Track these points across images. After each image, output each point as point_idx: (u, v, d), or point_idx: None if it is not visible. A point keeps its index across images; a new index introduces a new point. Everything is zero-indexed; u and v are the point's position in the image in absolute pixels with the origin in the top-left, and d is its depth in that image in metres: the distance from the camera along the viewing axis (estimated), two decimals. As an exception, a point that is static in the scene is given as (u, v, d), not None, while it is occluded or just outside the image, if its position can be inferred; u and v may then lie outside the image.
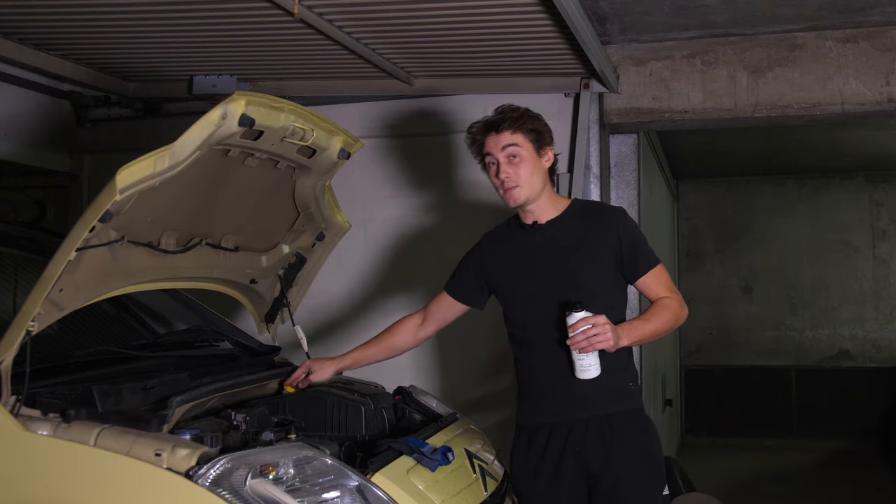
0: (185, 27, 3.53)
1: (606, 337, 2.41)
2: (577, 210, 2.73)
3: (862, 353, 8.40)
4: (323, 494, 2.09)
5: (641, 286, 2.68)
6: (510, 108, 2.67)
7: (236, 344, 3.19)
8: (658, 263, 2.68)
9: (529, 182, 2.63)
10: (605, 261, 2.63)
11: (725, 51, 4.07)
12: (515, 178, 2.61)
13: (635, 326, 2.55)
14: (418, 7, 3.23)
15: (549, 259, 2.67)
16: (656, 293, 2.67)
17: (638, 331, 2.55)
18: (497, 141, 2.63)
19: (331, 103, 4.32)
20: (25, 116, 4.51)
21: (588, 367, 2.48)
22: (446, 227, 4.39)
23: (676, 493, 4.32)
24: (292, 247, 3.11)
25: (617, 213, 2.73)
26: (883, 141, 6.82)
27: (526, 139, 2.63)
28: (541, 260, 2.68)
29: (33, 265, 2.92)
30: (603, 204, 2.84)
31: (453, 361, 4.33)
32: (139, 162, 2.14)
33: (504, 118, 2.63)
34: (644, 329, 2.57)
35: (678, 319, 2.65)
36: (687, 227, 8.73)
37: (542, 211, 2.69)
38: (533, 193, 2.65)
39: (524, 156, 2.62)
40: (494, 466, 2.79)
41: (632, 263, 2.64)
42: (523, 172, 2.62)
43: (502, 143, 2.62)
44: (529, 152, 2.63)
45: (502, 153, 2.62)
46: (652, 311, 2.63)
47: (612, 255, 2.63)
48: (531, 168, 2.63)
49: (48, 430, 2.19)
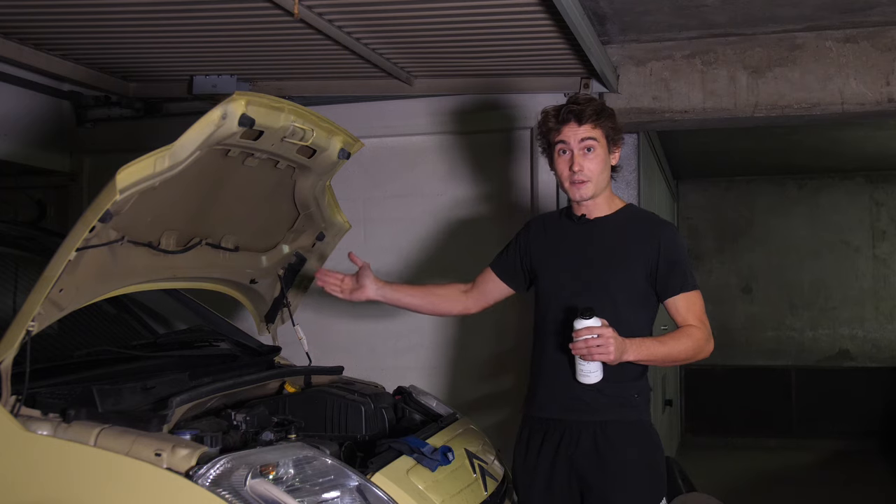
0: (185, 27, 3.53)
1: (608, 350, 2.38)
2: (628, 214, 2.71)
3: (862, 353, 8.40)
4: (323, 494, 2.09)
5: (670, 307, 2.63)
6: (590, 99, 2.65)
7: (236, 344, 3.19)
8: (694, 290, 2.61)
9: (598, 179, 2.62)
10: (639, 270, 2.60)
11: (725, 51, 4.07)
12: (588, 172, 2.60)
13: (647, 345, 2.50)
14: (418, 7, 3.23)
15: (583, 255, 2.66)
16: (684, 319, 2.60)
17: (648, 350, 2.50)
18: (577, 131, 2.59)
19: (331, 103, 4.32)
20: (25, 116, 4.51)
21: (588, 372, 2.46)
22: (446, 228, 4.39)
23: (676, 493, 4.32)
24: (292, 247, 3.10)
25: (666, 227, 2.70)
26: (883, 141, 6.82)
27: (604, 135, 2.61)
28: (576, 254, 2.67)
29: (33, 265, 2.92)
30: (655, 215, 2.81)
31: (453, 361, 4.33)
32: (139, 162, 2.14)
33: (587, 110, 2.59)
34: (656, 350, 2.52)
35: (699, 352, 2.57)
36: (687, 227, 8.72)
37: (595, 207, 2.68)
38: (598, 190, 2.64)
39: (599, 151, 2.61)
40: (494, 466, 2.78)
41: (664, 281, 2.60)
42: (595, 168, 2.60)
43: (582, 134, 2.59)
44: (604, 149, 2.62)
45: (579, 144, 2.59)
46: (672, 335, 2.57)
47: (646, 266, 2.59)
48: (602, 165, 2.62)
49: (48, 430, 2.19)
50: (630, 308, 2.60)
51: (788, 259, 8.49)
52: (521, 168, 4.27)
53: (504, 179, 4.32)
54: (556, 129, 2.62)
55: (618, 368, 2.51)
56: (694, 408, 8.54)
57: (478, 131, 4.34)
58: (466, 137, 4.37)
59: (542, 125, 2.67)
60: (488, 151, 4.34)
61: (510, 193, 4.30)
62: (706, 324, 2.61)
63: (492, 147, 4.35)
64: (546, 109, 2.68)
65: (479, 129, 4.34)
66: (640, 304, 2.63)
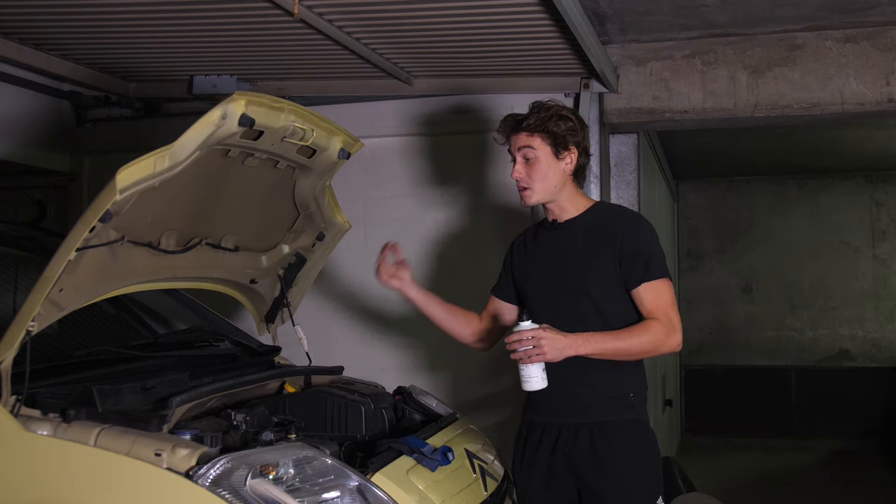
0: (185, 27, 3.53)
1: (542, 351, 2.40)
2: (597, 212, 2.71)
3: (862, 353, 8.40)
4: (323, 494, 2.09)
5: (636, 298, 2.59)
6: (539, 106, 2.66)
7: (236, 344, 3.19)
8: (660, 278, 2.57)
9: (542, 185, 2.63)
10: (608, 264, 2.59)
11: (725, 51, 4.07)
12: (527, 179, 2.63)
13: (597, 339, 2.49)
14: (418, 7, 3.23)
15: (557, 258, 2.68)
16: (648, 311, 2.56)
17: (598, 344, 2.49)
18: (516, 140, 2.65)
19: (331, 103, 4.32)
20: (25, 116, 4.51)
21: (528, 377, 2.46)
22: (447, 228, 4.39)
23: (676, 493, 4.33)
24: (292, 247, 3.11)
25: (630, 216, 2.71)
26: (883, 141, 6.82)
27: (543, 142, 2.62)
28: (550, 258, 2.70)
29: (33, 265, 2.92)
30: (623, 208, 2.81)
31: (453, 361, 4.33)
32: (139, 162, 2.14)
33: (525, 119, 2.63)
34: (606, 345, 2.50)
35: (658, 346, 2.55)
36: (687, 227, 8.73)
37: (560, 210, 2.69)
38: (546, 195, 2.65)
39: (539, 158, 2.62)
40: (494, 466, 2.78)
41: (627, 271, 2.57)
42: (537, 174, 2.62)
43: (519, 143, 2.64)
44: (546, 154, 2.62)
45: (518, 153, 2.64)
46: (630, 329, 2.54)
47: (613, 259, 2.59)
48: (543, 171, 2.62)
49: (48, 430, 2.19)
50: (611, 304, 2.60)
51: (788, 259, 8.50)
52: (521, 168, 4.26)
53: (504, 179, 4.31)
54: (503, 139, 2.70)
55: (612, 369, 2.53)
56: (694, 408, 8.54)
57: (478, 131, 4.34)
58: (466, 137, 4.37)
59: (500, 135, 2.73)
60: (488, 152, 4.34)
61: (510, 193, 4.29)
62: (671, 316, 2.56)
63: (492, 147, 4.33)
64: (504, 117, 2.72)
65: (479, 129, 4.33)
66: (619, 299, 2.61)
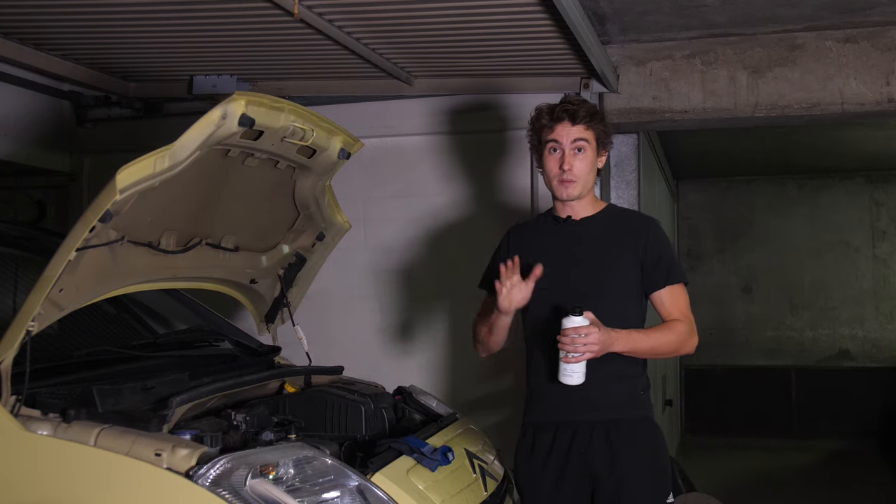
0: (185, 27, 3.53)
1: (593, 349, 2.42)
2: (612, 213, 2.75)
3: (862, 353, 8.40)
4: (323, 494, 2.09)
5: (655, 301, 2.67)
6: (582, 101, 2.69)
7: (236, 344, 3.19)
8: (679, 283, 2.66)
9: (586, 179, 2.65)
10: (629, 266, 2.63)
11: (725, 51, 4.07)
12: (578, 172, 2.63)
13: (634, 337, 2.54)
14: (418, 7, 3.23)
15: (575, 255, 2.67)
16: (668, 312, 2.65)
17: (634, 342, 2.54)
18: (570, 131, 2.62)
19: (331, 103, 4.32)
20: (25, 116, 4.51)
21: (572, 372, 2.46)
22: (447, 228, 4.39)
23: (677, 493, 4.33)
24: (292, 247, 3.10)
25: (650, 222, 2.74)
26: (883, 141, 6.82)
27: (595, 137, 2.65)
28: (565, 255, 2.68)
29: (33, 265, 2.92)
30: (638, 212, 2.85)
31: (454, 361, 4.33)
32: (139, 162, 2.14)
33: (580, 111, 2.63)
34: (641, 343, 2.56)
35: (682, 346, 2.63)
36: (687, 227, 8.73)
37: (581, 208, 2.71)
38: (584, 191, 2.67)
39: (589, 153, 2.64)
40: (494, 466, 2.78)
41: (651, 274, 2.64)
42: (585, 168, 2.64)
43: (574, 135, 2.62)
44: (594, 151, 2.66)
45: (571, 144, 2.63)
46: (658, 328, 2.63)
47: (635, 261, 2.63)
48: (590, 166, 2.66)
49: (48, 430, 2.19)
50: (625, 303, 2.64)
51: (788, 259, 8.50)
52: (521, 168, 4.27)
53: (504, 179, 4.32)
54: (549, 126, 2.65)
55: (622, 366, 2.53)
56: (694, 408, 8.54)
57: (478, 131, 4.34)
58: (466, 137, 4.37)
59: (535, 122, 2.70)
60: (488, 151, 4.34)
61: (510, 193, 4.30)
62: (690, 318, 2.66)
63: (492, 147, 4.34)
64: (540, 107, 2.70)
65: (479, 129, 4.34)
66: (633, 299, 2.66)
